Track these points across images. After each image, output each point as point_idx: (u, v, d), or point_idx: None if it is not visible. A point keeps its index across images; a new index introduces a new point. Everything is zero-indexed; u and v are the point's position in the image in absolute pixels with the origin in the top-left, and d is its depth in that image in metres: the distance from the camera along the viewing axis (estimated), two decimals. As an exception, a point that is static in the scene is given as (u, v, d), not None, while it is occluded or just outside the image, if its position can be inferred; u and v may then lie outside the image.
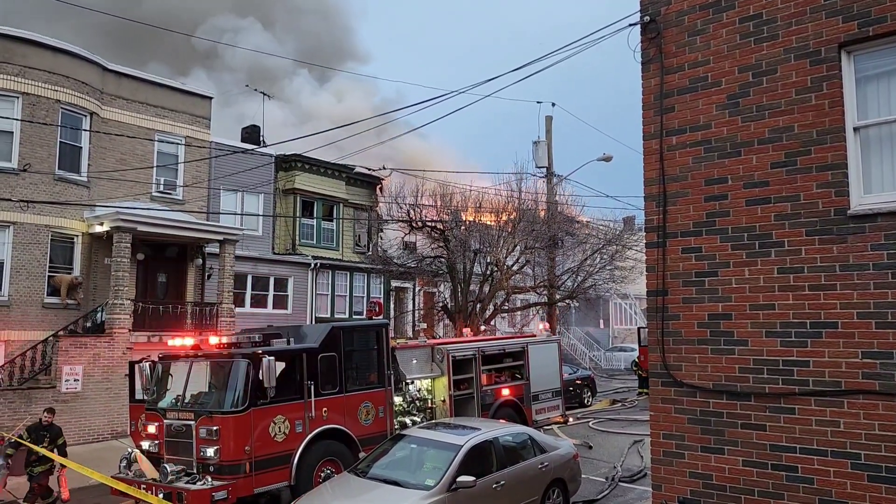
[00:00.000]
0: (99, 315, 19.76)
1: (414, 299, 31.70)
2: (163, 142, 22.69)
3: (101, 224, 19.86)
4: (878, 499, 6.08)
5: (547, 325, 21.69)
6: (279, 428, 11.23)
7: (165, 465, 10.82)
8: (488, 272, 24.70)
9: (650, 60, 7.72)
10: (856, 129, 6.55)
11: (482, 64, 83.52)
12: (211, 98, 24.57)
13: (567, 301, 27.81)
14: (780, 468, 6.60)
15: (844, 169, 6.48)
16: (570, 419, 19.71)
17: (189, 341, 12.66)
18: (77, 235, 20.24)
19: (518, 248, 24.63)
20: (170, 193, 22.82)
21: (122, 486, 10.97)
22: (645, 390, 24.49)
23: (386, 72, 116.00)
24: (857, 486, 6.19)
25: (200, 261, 22.98)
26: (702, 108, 7.33)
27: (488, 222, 25.33)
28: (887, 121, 6.51)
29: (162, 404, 11.82)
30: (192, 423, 11.02)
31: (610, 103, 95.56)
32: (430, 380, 14.86)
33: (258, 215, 25.74)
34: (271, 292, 26.04)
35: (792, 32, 6.82)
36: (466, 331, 19.98)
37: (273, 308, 25.95)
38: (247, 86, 30.69)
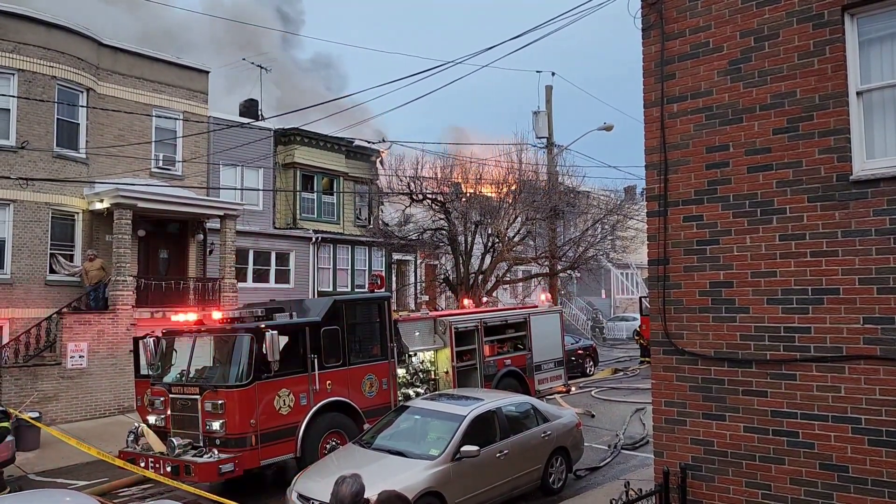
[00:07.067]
0: (102, 292, 19.78)
1: (416, 272, 31.71)
2: (161, 117, 22.51)
3: (102, 201, 19.80)
4: (879, 462, 6.13)
5: (549, 295, 21.73)
6: (284, 401, 11.32)
7: (172, 438, 10.93)
8: (490, 244, 24.67)
9: (651, 26, 7.61)
10: (858, 94, 6.47)
11: (478, 37, 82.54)
12: (208, 72, 24.31)
13: (568, 271, 27.81)
14: (782, 434, 6.65)
15: (847, 134, 6.42)
16: (573, 388, 19.83)
17: (192, 317, 12.70)
18: (77, 213, 20.19)
19: (519, 219, 24.57)
20: (169, 169, 22.70)
21: (118, 462, 11.12)
22: (647, 359, 24.62)
23: (382, 46, 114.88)
24: (857, 451, 6.24)
25: (202, 236, 22.96)
26: (703, 74, 7.25)
27: (489, 194, 25.23)
28: (891, 84, 6.43)
29: (167, 379, 11.90)
30: (197, 397, 11.11)
31: (611, 75, 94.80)
32: (433, 351, 14.93)
33: (258, 190, 25.62)
34: (273, 267, 26.05)
35: (794, -4, 6.71)
36: (468, 302, 20.02)
37: (275, 283, 25.96)
38: (243, 59, 30.22)
